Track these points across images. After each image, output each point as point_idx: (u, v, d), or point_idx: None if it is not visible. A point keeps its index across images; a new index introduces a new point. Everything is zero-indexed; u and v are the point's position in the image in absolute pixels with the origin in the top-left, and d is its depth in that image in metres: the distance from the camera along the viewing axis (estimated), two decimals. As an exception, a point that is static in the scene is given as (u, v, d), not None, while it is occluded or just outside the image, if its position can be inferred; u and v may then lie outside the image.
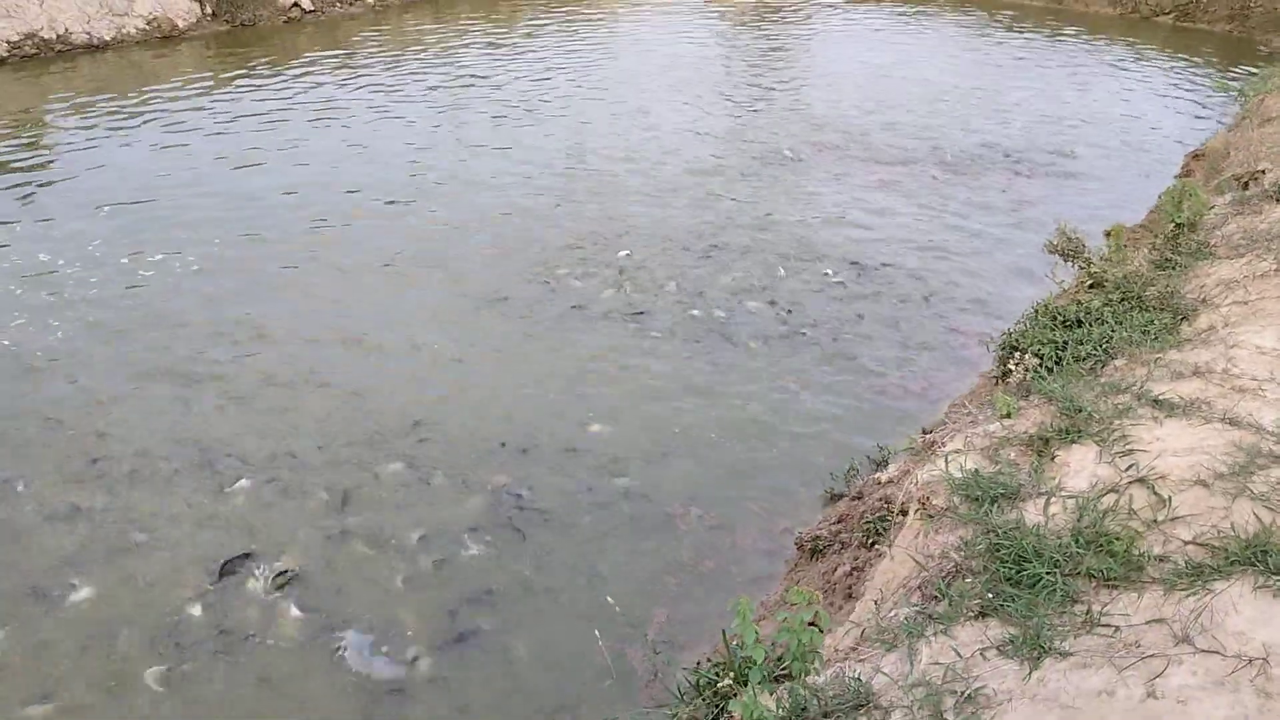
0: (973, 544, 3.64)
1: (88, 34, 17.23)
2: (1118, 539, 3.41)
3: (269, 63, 16.95)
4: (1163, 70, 17.89)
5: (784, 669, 3.33)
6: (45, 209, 10.65)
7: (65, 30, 16.96)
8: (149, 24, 18.15)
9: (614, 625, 5.24)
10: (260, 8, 19.63)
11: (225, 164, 12.20)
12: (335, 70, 16.68)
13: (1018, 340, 5.69)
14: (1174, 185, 7.35)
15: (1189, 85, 16.90)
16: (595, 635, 5.04)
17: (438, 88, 15.78)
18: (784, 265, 9.56)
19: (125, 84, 15.38)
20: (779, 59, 19.01)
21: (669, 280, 9.16)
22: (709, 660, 4.08)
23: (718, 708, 3.51)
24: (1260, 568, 3.14)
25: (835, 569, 4.90)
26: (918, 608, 3.46)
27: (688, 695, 3.79)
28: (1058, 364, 5.23)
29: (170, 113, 14.09)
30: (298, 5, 20.11)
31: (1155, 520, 3.55)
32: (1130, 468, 3.88)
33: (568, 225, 10.46)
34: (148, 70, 16.39)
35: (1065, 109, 15.29)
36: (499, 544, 5.85)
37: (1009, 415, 4.60)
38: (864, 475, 6.06)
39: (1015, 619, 3.19)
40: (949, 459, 4.31)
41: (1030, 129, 14.23)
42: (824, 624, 3.33)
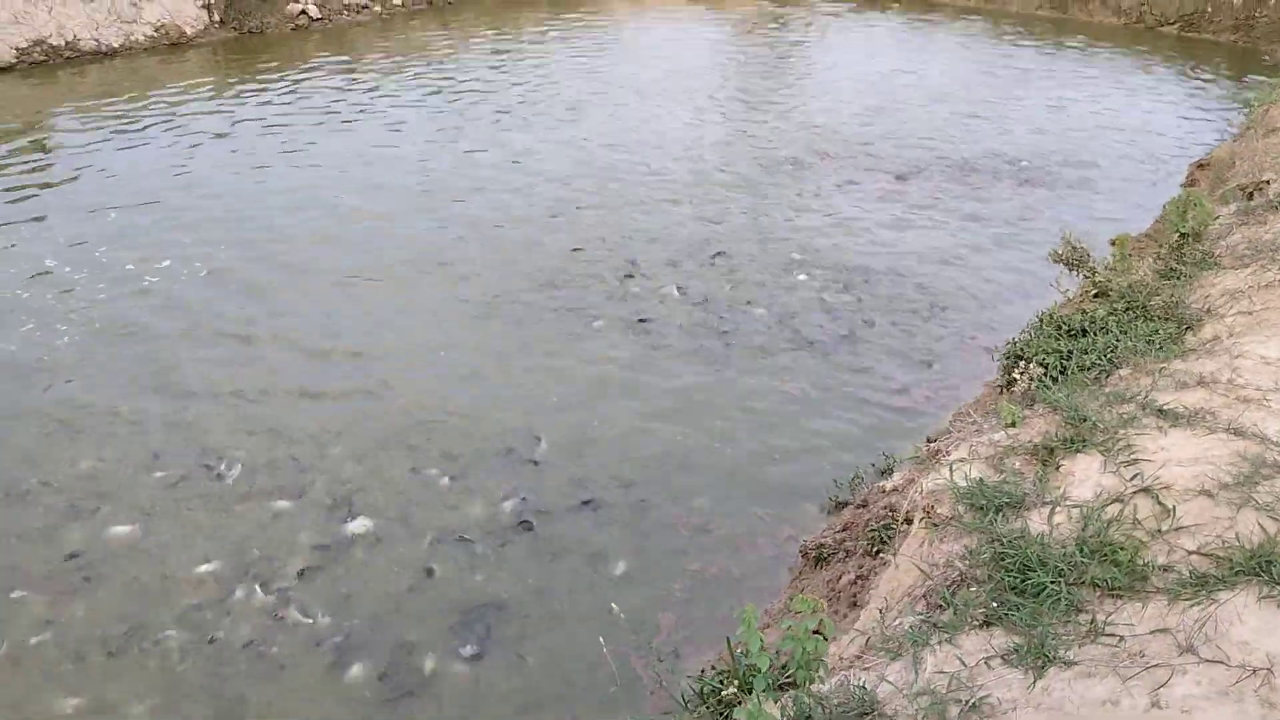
0: (977, 553, 3.65)
1: (96, 41, 17.30)
2: (1122, 549, 3.42)
3: (276, 69, 17.02)
4: (1168, 80, 17.90)
5: (789, 677, 3.34)
6: (52, 213, 10.70)
7: (74, 37, 17.04)
8: (157, 31, 18.22)
9: (619, 632, 5.25)
10: (268, 15, 19.70)
11: (231, 169, 12.25)
12: (341, 77, 16.74)
13: (1023, 349, 5.70)
14: (1179, 195, 7.36)
15: (1194, 95, 16.91)
16: (600, 642, 5.04)
17: (443, 94, 15.84)
18: (789, 273, 9.57)
19: (132, 90, 15.44)
20: (783, 67, 19.05)
21: (673, 287, 9.19)
22: (714, 668, 4.08)
23: (722, 715, 3.51)
24: (1265, 578, 3.15)
25: (840, 577, 4.90)
26: (923, 616, 3.47)
27: (692, 703, 3.78)
28: (1062, 373, 5.24)
29: (177, 118, 14.15)
30: (305, 13, 20.19)
31: (1160, 530, 3.55)
32: (1135, 477, 3.89)
33: (571, 232, 10.48)
34: (155, 77, 16.46)
35: (1070, 118, 15.30)
36: (504, 551, 5.86)
37: (1014, 424, 4.61)
38: (869, 483, 6.06)
39: (1020, 628, 3.20)
40: (954, 468, 4.31)
41: (1035, 138, 14.24)
42: (829, 632, 3.33)
